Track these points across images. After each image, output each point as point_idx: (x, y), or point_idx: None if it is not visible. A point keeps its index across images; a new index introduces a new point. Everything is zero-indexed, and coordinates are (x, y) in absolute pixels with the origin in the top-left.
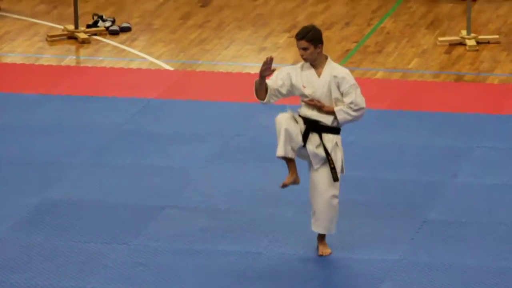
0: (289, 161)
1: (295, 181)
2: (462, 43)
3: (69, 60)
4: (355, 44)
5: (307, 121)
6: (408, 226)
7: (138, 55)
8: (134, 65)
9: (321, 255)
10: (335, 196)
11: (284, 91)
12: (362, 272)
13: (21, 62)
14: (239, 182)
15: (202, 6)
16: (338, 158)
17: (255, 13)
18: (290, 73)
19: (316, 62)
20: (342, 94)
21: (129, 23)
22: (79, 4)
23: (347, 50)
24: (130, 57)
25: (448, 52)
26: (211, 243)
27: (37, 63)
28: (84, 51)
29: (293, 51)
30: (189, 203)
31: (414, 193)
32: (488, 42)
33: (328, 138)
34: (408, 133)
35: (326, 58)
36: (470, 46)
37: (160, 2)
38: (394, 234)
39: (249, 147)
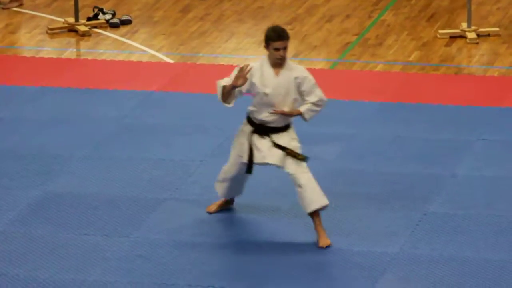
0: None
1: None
2: (462, 36)
3: (70, 53)
4: (355, 37)
5: (259, 125)
6: (408, 218)
7: (139, 47)
8: (134, 58)
9: (322, 247)
10: (309, 170)
11: (244, 90)
12: (362, 264)
13: (22, 55)
14: None
15: None
16: (295, 146)
17: (255, 5)
18: (250, 72)
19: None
20: (302, 93)
21: (129, 15)
22: None
23: (348, 43)
24: (131, 50)
25: (448, 45)
26: (212, 236)
27: (37, 56)
28: (85, 44)
29: (293, 45)
30: (189, 196)
31: (415, 186)
32: (489, 35)
33: (281, 137)
34: (409, 126)
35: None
36: (470, 39)
37: None
38: (395, 227)
39: None
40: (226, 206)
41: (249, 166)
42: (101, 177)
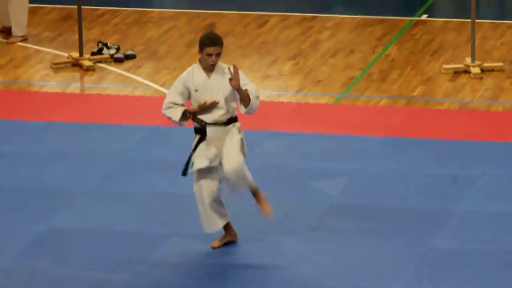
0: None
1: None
2: (466, 71)
3: (74, 87)
4: (359, 72)
5: (204, 130)
6: (412, 254)
7: (143, 82)
8: (138, 93)
9: (267, 217)
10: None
11: (184, 101)
12: None
13: (26, 89)
14: (245, 209)
15: None
16: (235, 141)
17: (259, 40)
18: (184, 81)
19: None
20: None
21: (133, 50)
22: (84, 32)
23: (352, 78)
24: (135, 84)
25: (452, 79)
26: (216, 271)
27: (41, 91)
28: (89, 79)
29: (298, 79)
30: (194, 230)
31: (419, 221)
32: (493, 70)
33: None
34: (413, 161)
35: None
36: (474, 74)
37: (165, 30)
38: (399, 262)
39: (254, 174)
40: (230, 240)
41: (186, 167)
42: (105, 212)
